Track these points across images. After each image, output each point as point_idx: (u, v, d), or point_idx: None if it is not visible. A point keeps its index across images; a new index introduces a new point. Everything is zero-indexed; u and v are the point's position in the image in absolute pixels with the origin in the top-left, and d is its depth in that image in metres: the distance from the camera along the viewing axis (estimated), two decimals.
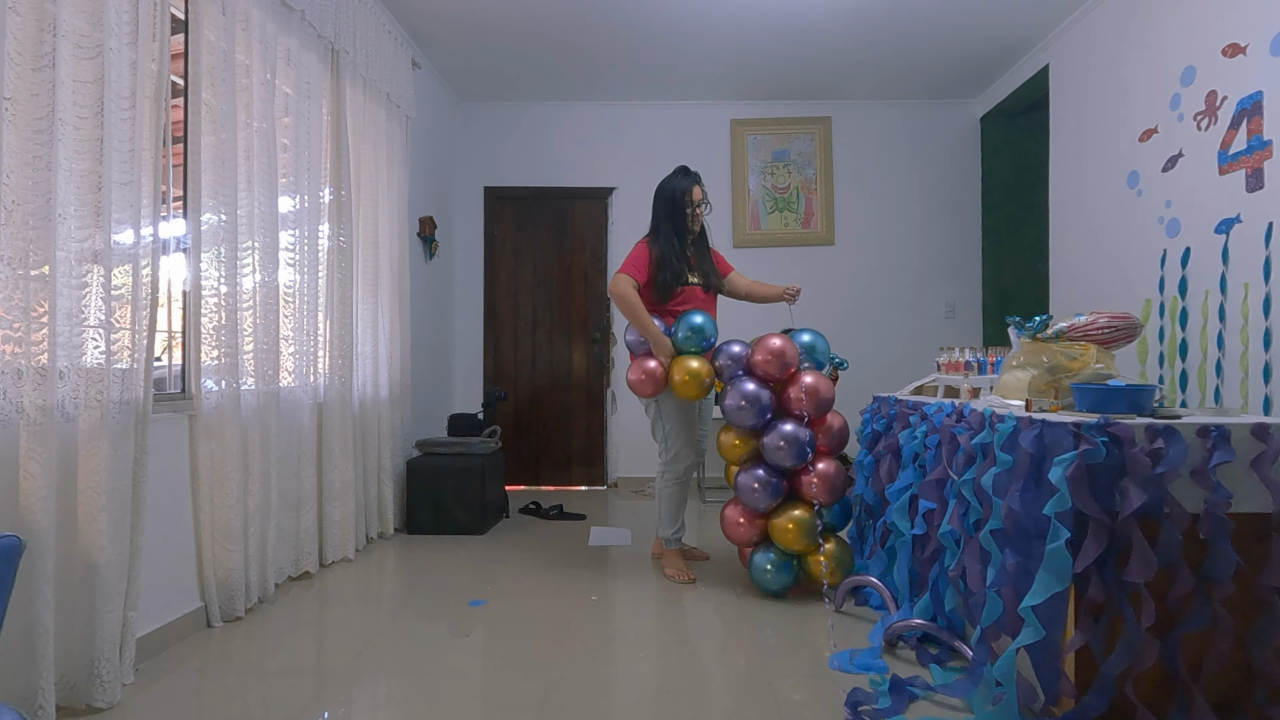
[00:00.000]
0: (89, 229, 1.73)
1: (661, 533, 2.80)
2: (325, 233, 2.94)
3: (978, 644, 1.67)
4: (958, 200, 4.74)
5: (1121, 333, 1.85)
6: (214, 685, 1.83)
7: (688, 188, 2.71)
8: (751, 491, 2.47)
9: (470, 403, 4.73)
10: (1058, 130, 3.75)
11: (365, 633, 2.18)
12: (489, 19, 3.61)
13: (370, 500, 3.25)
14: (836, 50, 4.00)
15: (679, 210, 2.72)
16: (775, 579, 2.46)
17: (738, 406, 2.44)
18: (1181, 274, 2.82)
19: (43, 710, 1.55)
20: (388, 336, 3.42)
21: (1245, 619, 1.51)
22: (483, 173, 4.79)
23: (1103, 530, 1.45)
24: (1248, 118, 2.51)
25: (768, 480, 2.45)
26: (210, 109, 2.21)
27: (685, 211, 2.71)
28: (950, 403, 2.12)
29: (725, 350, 2.55)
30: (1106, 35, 3.33)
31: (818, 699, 1.74)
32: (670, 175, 2.78)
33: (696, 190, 2.72)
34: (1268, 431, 1.49)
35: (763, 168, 4.75)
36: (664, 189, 2.75)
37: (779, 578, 2.46)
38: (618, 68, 4.23)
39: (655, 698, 1.76)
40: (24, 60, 1.58)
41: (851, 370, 4.65)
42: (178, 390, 2.28)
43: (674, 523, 2.78)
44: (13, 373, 1.56)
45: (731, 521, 2.54)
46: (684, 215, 2.72)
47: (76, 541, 1.70)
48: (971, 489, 1.81)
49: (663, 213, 2.74)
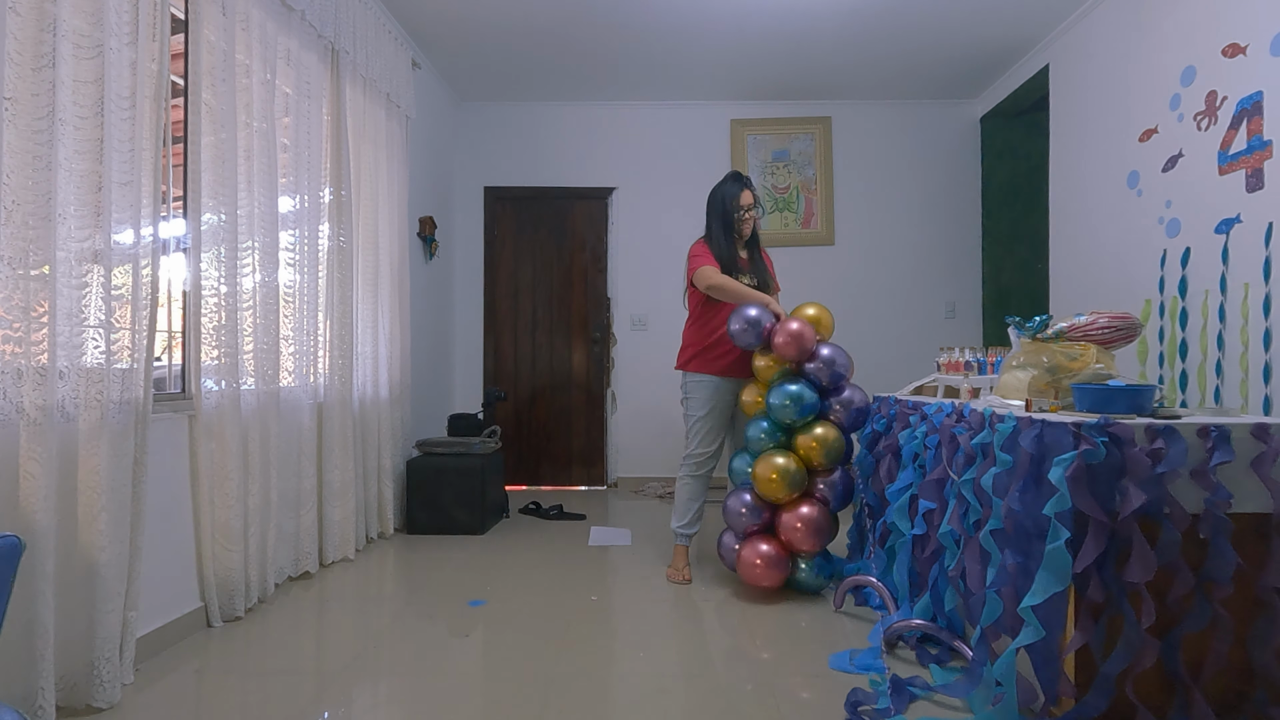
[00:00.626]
0: (89, 229, 1.73)
1: (671, 524, 2.82)
2: (325, 233, 2.94)
3: (978, 644, 1.67)
4: (958, 200, 4.74)
5: (1121, 333, 1.85)
6: (214, 685, 1.83)
7: (737, 193, 2.77)
8: (739, 515, 2.52)
9: (470, 403, 4.73)
10: (1058, 130, 3.75)
11: (365, 633, 2.18)
12: (489, 19, 3.61)
13: (370, 500, 3.25)
14: (836, 50, 4.00)
15: (729, 214, 2.77)
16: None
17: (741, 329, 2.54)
18: (1181, 274, 2.82)
19: (43, 710, 1.55)
20: (388, 336, 3.42)
21: (1245, 619, 1.51)
22: (483, 173, 4.79)
23: (1103, 530, 1.45)
24: (1248, 118, 2.51)
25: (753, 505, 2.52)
26: (210, 109, 2.21)
27: (735, 215, 2.77)
28: (950, 403, 2.12)
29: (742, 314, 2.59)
30: (1106, 35, 3.32)
31: (818, 699, 1.74)
32: (721, 181, 2.83)
33: (746, 195, 2.77)
34: (1268, 431, 1.49)
35: (763, 168, 4.75)
36: (715, 194, 2.81)
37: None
38: (618, 68, 4.22)
39: (655, 697, 1.76)
40: (24, 60, 1.58)
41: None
42: (178, 390, 2.28)
43: (682, 516, 2.78)
44: (13, 373, 1.56)
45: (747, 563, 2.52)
46: (734, 219, 2.77)
47: (76, 541, 1.70)
48: (971, 489, 1.81)
49: (715, 217, 2.80)
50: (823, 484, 2.50)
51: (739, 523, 2.53)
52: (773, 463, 2.45)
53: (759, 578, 2.45)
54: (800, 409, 2.46)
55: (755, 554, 2.46)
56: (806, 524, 2.42)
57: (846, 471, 2.55)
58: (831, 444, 2.46)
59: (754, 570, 2.45)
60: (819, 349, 2.52)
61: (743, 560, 2.49)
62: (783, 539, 2.47)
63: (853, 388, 2.55)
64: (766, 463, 2.46)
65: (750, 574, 2.47)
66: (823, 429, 2.48)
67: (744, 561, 2.48)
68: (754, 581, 2.47)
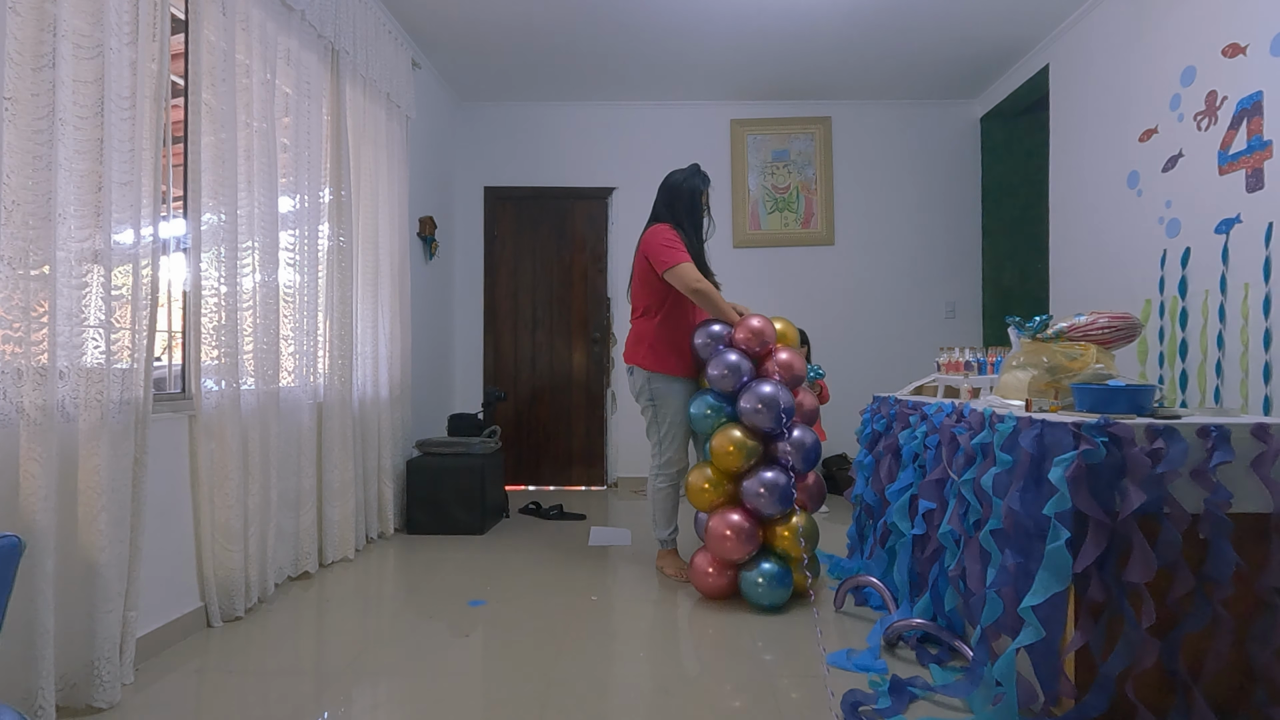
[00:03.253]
0: (89, 229, 1.73)
1: (656, 534, 2.80)
2: (325, 233, 2.94)
3: (978, 644, 1.67)
4: (958, 200, 4.74)
5: (1121, 333, 1.85)
6: (214, 685, 1.83)
7: (704, 189, 2.71)
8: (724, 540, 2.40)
9: (470, 403, 4.73)
10: (1058, 130, 3.75)
11: (365, 633, 2.18)
12: (489, 19, 3.61)
13: (370, 500, 3.25)
14: (836, 50, 4.00)
15: (696, 209, 2.69)
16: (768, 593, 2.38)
17: (721, 375, 2.50)
18: (1181, 274, 2.82)
19: (43, 710, 1.54)
20: (388, 336, 3.42)
21: (1245, 619, 1.51)
22: (483, 173, 4.79)
23: (1103, 530, 1.45)
24: (1248, 118, 2.51)
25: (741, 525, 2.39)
26: (210, 109, 2.21)
27: (700, 210, 2.70)
28: (950, 403, 2.12)
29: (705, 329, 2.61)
30: (1106, 35, 3.33)
31: (817, 699, 1.74)
32: (686, 172, 2.72)
33: (707, 194, 2.72)
34: (1268, 431, 1.49)
35: (763, 168, 4.75)
36: (681, 186, 2.68)
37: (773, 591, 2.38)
38: (618, 68, 4.22)
39: (654, 697, 1.76)
40: (24, 60, 1.58)
41: (852, 370, 4.66)
42: (178, 390, 2.28)
43: (668, 524, 2.78)
44: (13, 373, 1.56)
45: (700, 571, 2.48)
46: (700, 214, 2.70)
47: (76, 541, 1.70)
48: (971, 489, 1.81)
49: (682, 209, 2.68)
50: (786, 445, 2.43)
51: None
52: (728, 435, 2.45)
53: (730, 550, 2.38)
54: (738, 377, 2.48)
55: (725, 524, 2.39)
56: (770, 490, 2.37)
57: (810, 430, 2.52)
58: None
59: (725, 543, 2.38)
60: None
61: (712, 533, 2.41)
62: (748, 507, 2.42)
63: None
64: (722, 436, 2.45)
65: (721, 548, 2.39)
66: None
67: (713, 534, 2.41)
68: (725, 555, 2.40)
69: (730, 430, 2.46)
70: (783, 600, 2.37)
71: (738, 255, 4.73)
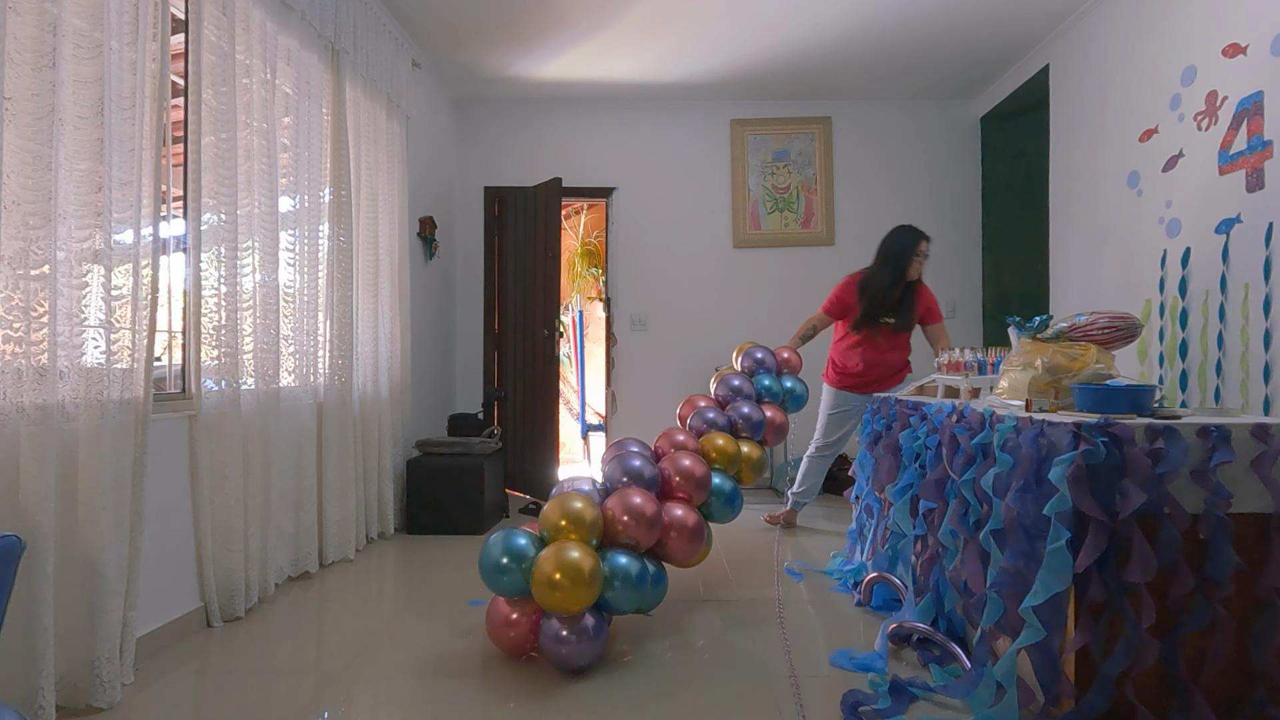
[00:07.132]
0: (89, 229, 1.73)
1: (790, 489, 3.45)
2: (325, 233, 2.94)
3: (978, 644, 1.67)
4: (958, 200, 4.74)
5: (1121, 333, 1.85)
6: (214, 685, 1.84)
7: (918, 241, 3.13)
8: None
9: (470, 403, 4.73)
10: (1058, 130, 3.75)
11: (365, 633, 2.18)
12: (489, 19, 3.60)
13: (370, 500, 3.25)
14: (836, 50, 3.99)
15: (903, 257, 3.12)
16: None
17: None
18: (1181, 274, 2.82)
19: (43, 710, 1.55)
20: (388, 336, 3.42)
21: (1245, 619, 1.51)
22: (483, 173, 4.79)
23: (1103, 530, 1.45)
24: (1248, 118, 2.51)
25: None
26: (210, 109, 2.21)
27: (908, 258, 3.11)
28: (950, 403, 2.12)
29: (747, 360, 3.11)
30: (1106, 35, 3.32)
31: (817, 699, 1.74)
32: (902, 230, 3.18)
33: (924, 244, 3.13)
34: (1268, 431, 1.49)
35: (763, 168, 4.75)
36: (898, 237, 3.16)
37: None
38: (617, 67, 4.22)
39: (655, 697, 1.76)
40: (24, 60, 1.58)
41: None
42: (178, 390, 2.28)
43: (800, 484, 3.42)
44: (13, 373, 1.56)
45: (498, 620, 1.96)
46: (905, 261, 3.11)
47: (76, 541, 1.70)
48: (972, 489, 1.81)
49: (890, 253, 3.15)
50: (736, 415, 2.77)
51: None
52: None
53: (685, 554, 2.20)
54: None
55: (672, 520, 2.18)
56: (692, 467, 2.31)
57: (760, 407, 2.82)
58: None
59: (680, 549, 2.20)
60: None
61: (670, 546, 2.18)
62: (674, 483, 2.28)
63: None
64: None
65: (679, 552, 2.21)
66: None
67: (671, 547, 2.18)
68: (682, 560, 2.22)
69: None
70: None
71: (738, 255, 4.73)
